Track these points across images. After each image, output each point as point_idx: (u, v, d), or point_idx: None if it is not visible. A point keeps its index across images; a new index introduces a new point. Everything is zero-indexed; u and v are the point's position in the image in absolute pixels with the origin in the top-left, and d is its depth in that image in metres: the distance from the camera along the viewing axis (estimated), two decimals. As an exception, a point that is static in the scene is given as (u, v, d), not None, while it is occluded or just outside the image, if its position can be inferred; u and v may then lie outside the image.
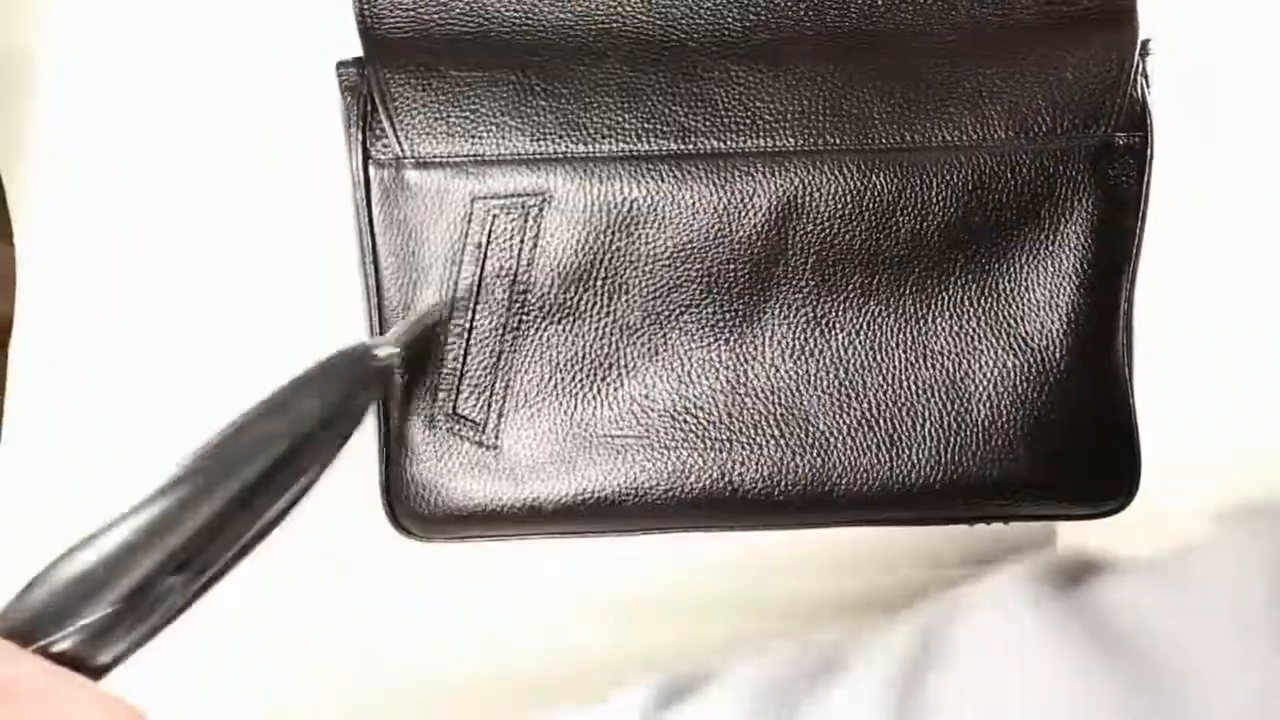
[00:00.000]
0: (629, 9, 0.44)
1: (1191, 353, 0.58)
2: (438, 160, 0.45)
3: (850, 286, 0.47)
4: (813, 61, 0.44)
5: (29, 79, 0.56)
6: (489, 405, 0.48)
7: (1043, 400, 0.48)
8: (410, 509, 0.50)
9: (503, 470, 0.48)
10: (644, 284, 0.46)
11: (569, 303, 0.46)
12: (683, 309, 0.46)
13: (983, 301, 0.47)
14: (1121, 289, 0.48)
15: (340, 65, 0.46)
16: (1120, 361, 0.49)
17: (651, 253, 0.46)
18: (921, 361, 0.48)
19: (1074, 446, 0.49)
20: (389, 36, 0.44)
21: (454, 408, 0.48)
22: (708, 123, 0.44)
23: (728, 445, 0.49)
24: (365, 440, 0.48)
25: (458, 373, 0.47)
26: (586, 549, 0.52)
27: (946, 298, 0.47)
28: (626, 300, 0.46)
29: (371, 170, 0.46)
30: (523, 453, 0.48)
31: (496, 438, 0.48)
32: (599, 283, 0.46)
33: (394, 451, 0.49)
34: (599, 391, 0.48)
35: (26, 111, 0.56)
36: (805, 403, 0.48)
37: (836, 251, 0.46)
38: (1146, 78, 0.46)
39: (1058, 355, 0.48)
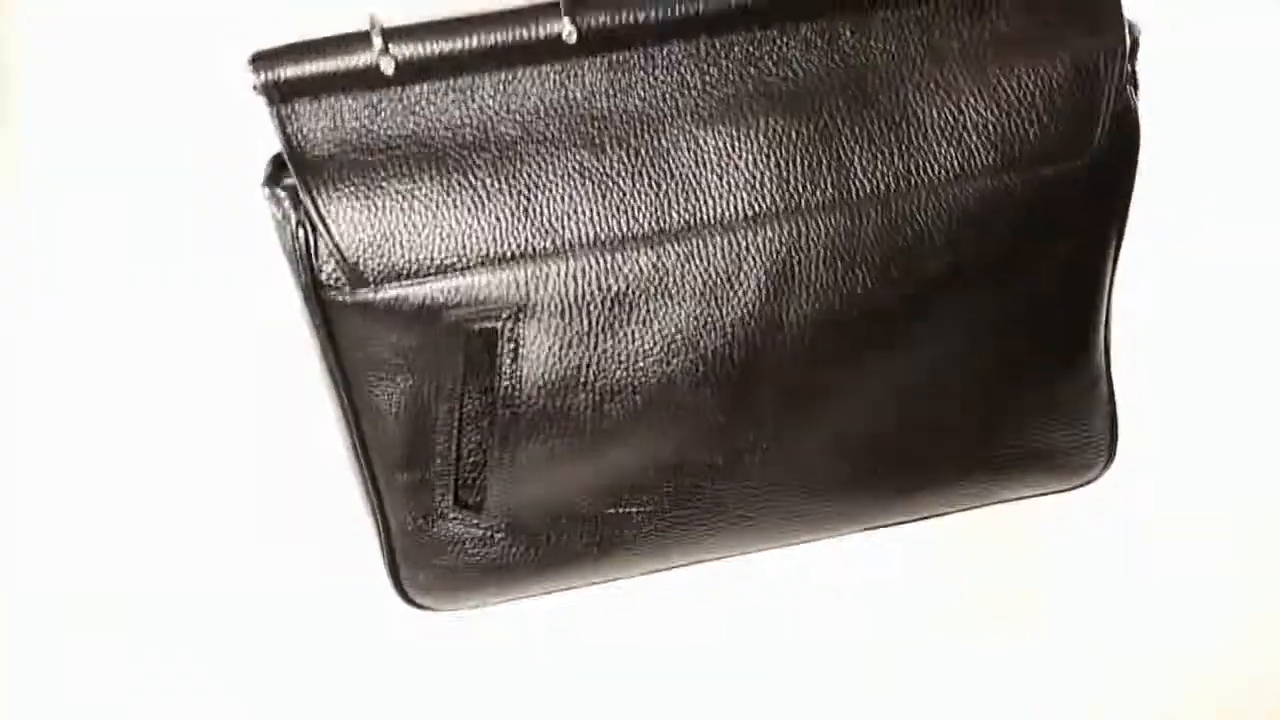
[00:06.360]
0: (576, 82, 0.40)
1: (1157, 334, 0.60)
2: (396, 276, 0.41)
3: (851, 353, 0.44)
4: (784, 115, 0.41)
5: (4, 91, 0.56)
6: (479, 520, 0.47)
7: (1037, 397, 0.49)
8: (419, 587, 0.50)
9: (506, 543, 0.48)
10: (635, 383, 0.43)
11: (559, 410, 0.43)
12: (677, 404, 0.44)
13: (987, 342, 0.46)
14: (1105, 286, 0.48)
15: (267, 187, 0.41)
16: (1104, 352, 0.50)
17: (640, 350, 0.42)
18: (920, 406, 0.46)
19: (1070, 437, 0.51)
20: (318, 155, 0.40)
21: (447, 514, 0.47)
22: (681, 197, 0.41)
23: (718, 530, 0.49)
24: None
25: (449, 488, 0.46)
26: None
27: (948, 351, 0.45)
28: (620, 401, 0.43)
29: (324, 298, 0.42)
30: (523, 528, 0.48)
31: (493, 535, 0.48)
32: (588, 388, 0.43)
33: (396, 545, 0.49)
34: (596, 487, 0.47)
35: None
36: (801, 481, 0.47)
37: (836, 317, 0.43)
38: (1135, 82, 0.44)
39: (1050, 359, 0.48)
